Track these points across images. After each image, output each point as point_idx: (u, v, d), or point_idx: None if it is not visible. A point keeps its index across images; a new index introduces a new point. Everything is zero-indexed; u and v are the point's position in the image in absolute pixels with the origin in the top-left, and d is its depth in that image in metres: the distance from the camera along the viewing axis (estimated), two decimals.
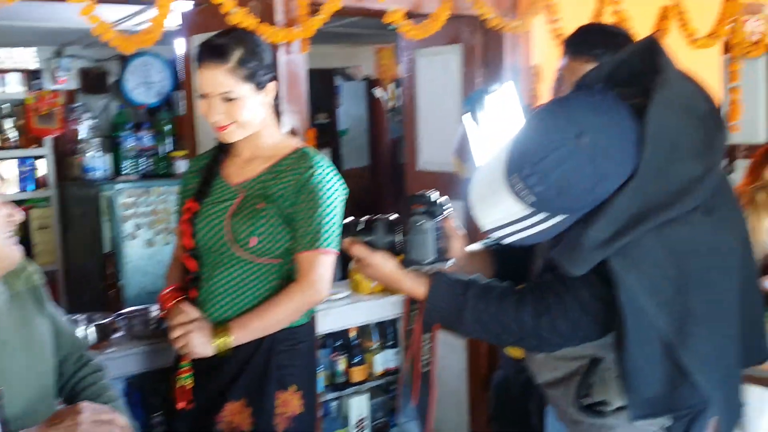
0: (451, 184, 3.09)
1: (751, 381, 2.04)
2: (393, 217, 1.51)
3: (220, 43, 1.96)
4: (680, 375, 1.26)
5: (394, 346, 3.38)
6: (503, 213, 1.28)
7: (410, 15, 3.18)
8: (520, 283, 1.60)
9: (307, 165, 2.02)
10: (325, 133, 6.77)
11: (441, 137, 3.52)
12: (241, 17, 2.48)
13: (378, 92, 4.86)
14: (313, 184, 2.00)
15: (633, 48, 1.40)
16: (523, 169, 1.21)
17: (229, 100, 1.95)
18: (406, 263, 1.46)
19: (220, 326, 1.96)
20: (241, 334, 1.96)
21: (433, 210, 1.46)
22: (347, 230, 1.52)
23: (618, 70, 1.37)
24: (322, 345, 3.50)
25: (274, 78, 2.05)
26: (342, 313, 3.18)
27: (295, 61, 2.77)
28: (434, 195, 1.50)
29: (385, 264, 1.47)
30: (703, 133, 1.27)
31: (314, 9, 2.75)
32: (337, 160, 6.71)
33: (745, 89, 4.71)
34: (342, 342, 3.37)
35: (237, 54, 1.94)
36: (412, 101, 3.82)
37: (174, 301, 2.03)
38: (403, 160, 4.67)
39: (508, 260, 1.62)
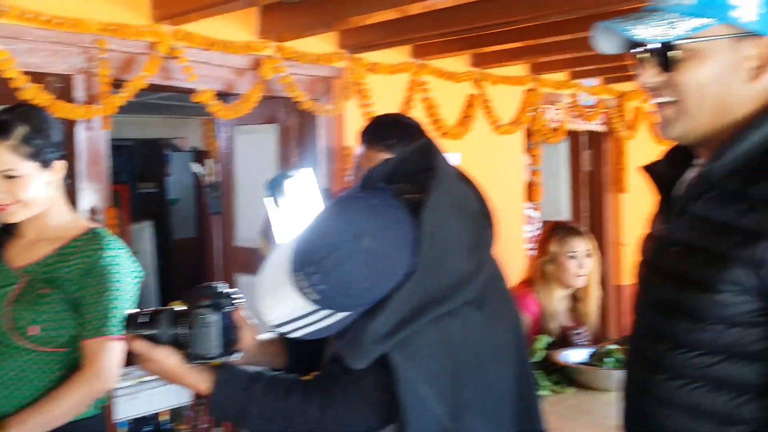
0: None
1: None
2: (179, 308, 1.47)
3: (3, 119, 1.88)
4: None
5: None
6: (288, 309, 1.29)
7: (224, 94, 3.21)
8: (310, 373, 1.61)
9: (96, 247, 1.93)
10: (153, 202, 6.61)
11: (257, 214, 3.52)
12: (34, 93, 2.39)
13: (195, 167, 4.80)
14: (102, 266, 1.91)
15: (412, 148, 1.48)
16: (307, 268, 1.24)
17: (11, 177, 1.86)
18: (190, 358, 1.41)
19: None
20: (16, 430, 1.82)
21: (219, 302, 1.42)
22: (129, 323, 1.44)
23: (399, 167, 1.44)
24: (132, 430, 3.32)
25: (63, 156, 1.96)
26: (152, 396, 3.04)
27: (95, 137, 2.69)
28: (222, 286, 1.46)
29: (167, 359, 1.41)
30: (474, 231, 1.35)
31: (119, 84, 2.71)
32: (165, 230, 6.53)
33: (549, 171, 5.12)
34: (153, 427, 3.21)
35: (21, 130, 1.86)
36: (230, 177, 3.81)
37: None
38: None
39: (299, 350, 1.62)
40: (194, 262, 6.61)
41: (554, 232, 3.14)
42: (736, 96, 1.10)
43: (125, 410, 3.06)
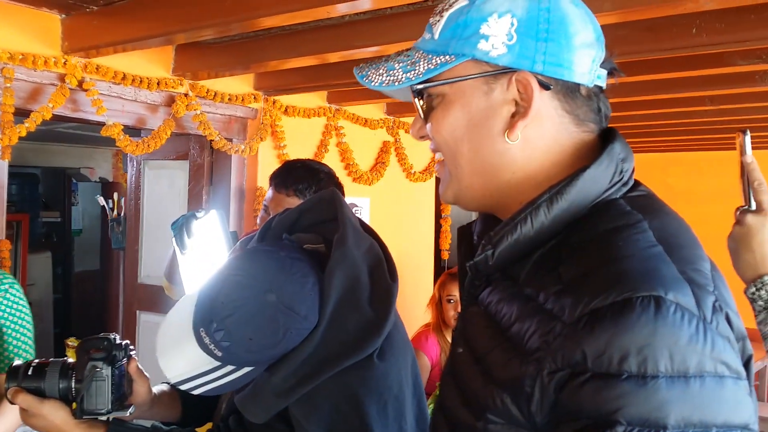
0: (171, 300, 3.02)
1: None
2: (69, 360, 1.41)
3: None
4: None
5: None
6: (190, 365, 1.26)
7: (135, 129, 3.16)
8: (205, 423, 1.57)
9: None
10: (55, 232, 6.37)
11: (164, 251, 3.44)
12: None
13: (101, 200, 4.67)
14: (7, 313, 1.87)
15: (315, 198, 1.49)
16: (211, 324, 1.21)
17: None
18: (79, 413, 1.34)
19: None
20: None
21: (114, 355, 1.36)
22: (14, 376, 1.36)
23: (302, 217, 1.44)
24: None
25: None
26: None
27: None
28: (115, 337, 1.40)
29: (53, 414, 1.34)
30: (377, 283, 1.36)
31: (24, 113, 2.63)
32: (67, 262, 6.29)
33: (460, 219, 5.24)
34: None
35: None
36: (137, 211, 3.73)
37: None
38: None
39: (193, 403, 1.59)
40: (96, 295, 6.38)
41: (441, 277, 3.26)
42: (498, 154, 0.88)
43: None
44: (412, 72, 0.88)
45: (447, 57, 0.87)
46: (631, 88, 3.37)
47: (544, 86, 0.85)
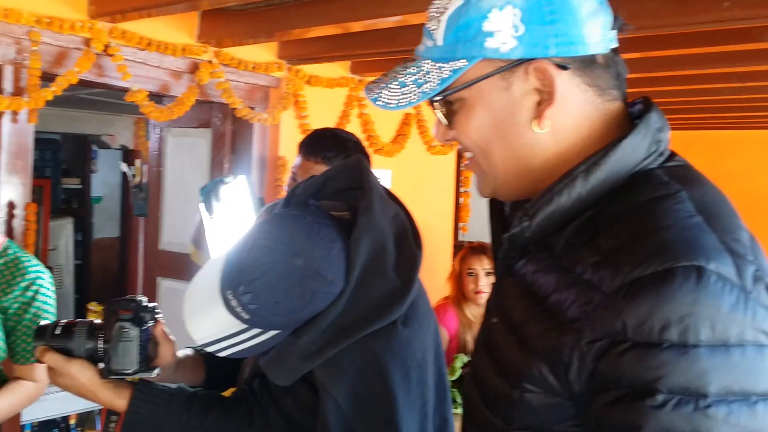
0: (191, 266, 3.05)
1: None
2: (96, 321, 1.40)
3: None
4: None
5: None
6: (217, 328, 1.27)
7: (159, 95, 3.16)
8: (229, 388, 1.59)
9: (29, 277, 1.84)
10: (75, 199, 6.42)
11: (185, 219, 3.48)
12: None
13: (124, 167, 4.70)
14: (40, 298, 1.85)
15: (341, 165, 1.49)
16: (239, 287, 1.22)
17: None
18: (105, 373, 1.35)
19: None
20: None
21: (141, 316, 1.37)
22: (41, 335, 1.37)
23: (327, 184, 1.45)
24: None
25: None
26: (61, 399, 2.95)
27: (21, 130, 2.61)
28: (143, 299, 1.41)
29: (81, 374, 1.36)
30: (402, 251, 1.37)
31: (50, 78, 2.64)
32: (87, 228, 6.35)
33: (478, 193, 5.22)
34: (59, 430, 3.11)
35: None
36: (159, 179, 3.75)
37: None
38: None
39: (218, 366, 1.61)
40: (115, 262, 6.45)
41: (461, 250, 3.26)
42: (529, 145, 0.88)
43: (31, 412, 2.95)
44: (427, 85, 0.87)
45: (457, 62, 0.86)
46: (657, 63, 3.33)
47: (562, 67, 0.85)
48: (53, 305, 1.89)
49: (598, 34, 0.86)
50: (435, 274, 3.86)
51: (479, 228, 5.39)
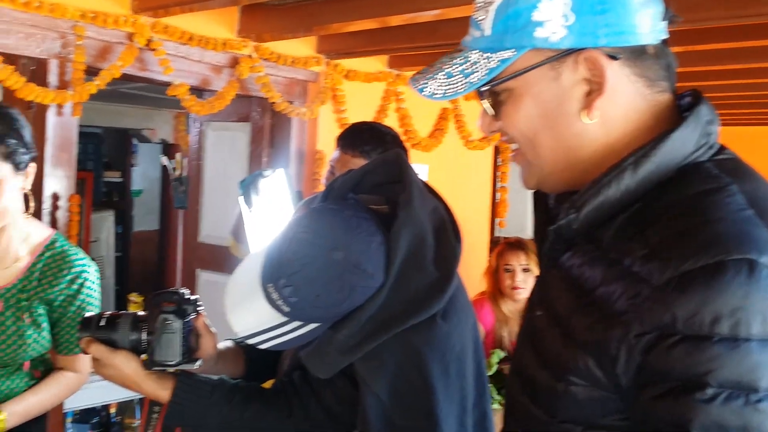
0: (231, 258, 3.08)
1: None
2: (140, 313, 1.42)
3: None
4: None
5: None
6: (258, 320, 1.29)
7: (199, 89, 3.20)
8: (268, 380, 1.61)
9: (75, 270, 1.84)
10: (116, 192, 6.53)
11: (224, 211, 3.51)
12: (7, 74, 2.36)
13: (164, 160, 4.77)
14: (85, 287, 1.86)
15: (380, 159, 1.49)
16: (279, 280, 1.23)
17: None
18: (149, 364, 1.37)
19: None
20: (14, 408, 1.78)
21: (184, 309, 1.39)
22: (87, 327, 1.40)
23: (365, 178, 1.45)
24: (78, 421, 3.27)
25: (34, 159, 1.77)
26: (102, 388, 3.00)
27: (66, 123, 2.66)
28: (185, 292, 1.44)
29: (125, 365, 1.38)
30: (441, 245, 1.37)
31: (94, 72, 2.69)
32: (127, 221, 6.46)
33: (517, 188, 5.19)
34: (99, 419, 3.17)
35: None
36: (199, 172, 3.80)
37: None
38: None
39: (258, 358, 1.63)
40: (154, 254, 6.54)
41: (498, 246, 3.24)
42: (577, 136, 0.87)
43: (72, 401, 3.01)
44: (475, 75, 0.87)
45: (506, 52, 0.86)
46: (701, 57, 3.26)
47: (612, 57, 0.84)
48: (98, 298, 1.92)
49: (649, 25, 0.85)
50: (471, 270, 3.85)
51: (516, 223, 5.36)
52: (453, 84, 0.88)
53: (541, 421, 0.86)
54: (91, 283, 1.89)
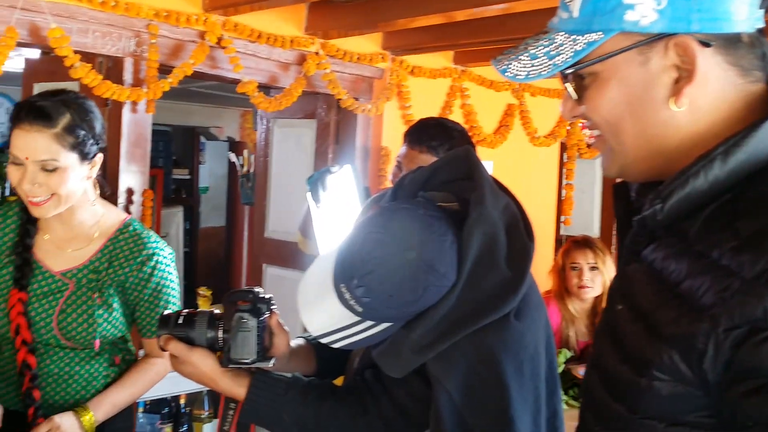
0: (297, 254, 3.12)
1: None
2: (216, 311, 1.46)
3: (46, 104, 1.73)
4: None
5: None
6: (331, 320, 1.29)
7: (267, 87, 3.25)
8: (338, 377, 1.62)
9: (148, 252, 1.89)
10: (184, 188, 6.69)
11: (290, 207, 3.56)
12: (85, 72, 2.44)
13: (232, 157, 4.86)
14: (158, 269, 1.90)
15: (449, 156, 1.48)
16: (352, 281, 1.23)
17: (50, 170, 1.73)
18: (225, 361, 1.40)
19: (79, 409, 1.83)
20: (102, 408, 1.85)
21: (258, 307, 1.42)
22: (165, 324, 1.43)
23: (434, 175, 1.44)
24: (149, 411, 3.35)
25: (102, 150, 1.86)
26: (172, 379, 3.06)
27: (140, 120, 2.74)
28: (260, 291, 1.46)
29: (202, 362, 1.41)
30: (514, 243, 1.35)
31: (166, 70, 2.75)
32: (194, 217, 6.61)
33: (583, 186, 5.10)
34: (169, 410, 3.24)
35: (65, 119, 1.73)
36: (266, 169, 3.86)
37: None
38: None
39: (329, 356, 1.64)
40: (221, 250, 6.68)
41: (564, 243, 3.19)
42: (663, 124, 0.85)
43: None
44: (560, 57, 0.86)
45: (594, 35, 0.84)
46: None
47: (704, 44, 0.81)
48: (173, 280, 1.95)
49: (745, 12, 0.82)
50: (537, 268, 3.80)
51: (581, 221, 5.26)
52: (537, 66, 0.87)
53: (622, 417, 0.84)
54: (165, 265, 1.92)
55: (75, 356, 1.87)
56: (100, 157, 1.85)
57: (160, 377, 1.99)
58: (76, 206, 1.85)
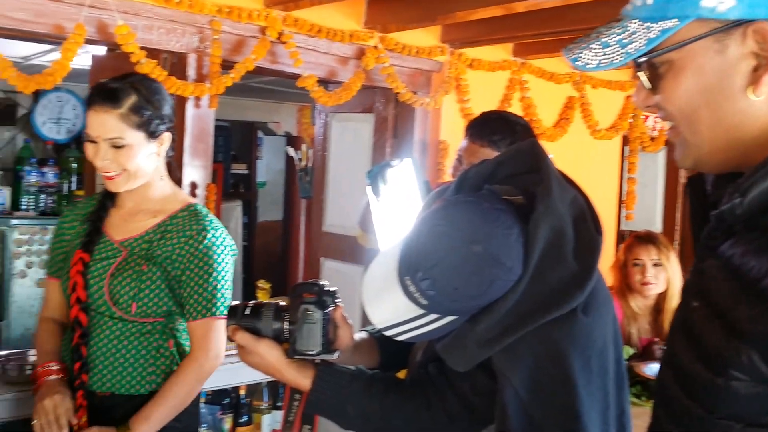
0: (355, 247, 3.13)
1: None
2: (282, 303, 1.47)
3: (114, 87, 1.89)
4: None
5: None
6: (396, 312, 1.29)
7: (325, 81, 3.26)
8: (400, 370, 1.62)
9: (199, 227, 1.95)
10: (242, 183, 6.79)
11: (348, 201, 3.57)
12: (151, 68, 2.49)
13: (290, 151, 4.90)
14: (205, 247, 1.94)
15: (514, 149, 1.46)
16: (417, 273, 1.23)
17: (118, 147, 1.88)
18: (291, 353, 1.42)
19: (122, 427, 1.88)
20: (145, 427, 1.89)
21: (324, 300, 1.43)
22: (233, 314, 1.46)
23: (499, 168, 1.43)
24: (210, 402, 3.41)
25: (170, 129, 1.98)
26: (232, 370, 3.11)
27: (203, 115, 2.78)
28: (325, 283, 1.47)
29: (269, 353, 1.43)
30: (581, 236, 1.33)
31: (228, 65, 2.79)
32: (252, 212, 6.70)
33: (645, 180, 4.99)
34: (230, 400, 3.29)
35: (130, 100, 1.88)
36: (324, 163, 3.88)
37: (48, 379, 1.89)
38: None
39: (392, 349, 1.64)
40: (278, 244, 6.75)
41: (626, 239, 3.13)
42: (740, 113, 0.82)
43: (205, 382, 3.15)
44: (633, 45, 0.84)
45: (668, 22, 0.82)
46: None
47: None
48: (225, 268, 1.97)
49: None
50: (599, 263, 3.74)
51: (644, 217, 5.15)
52: (609, 54, 0.86)
53: (697, 416, 0.82)
54: (216, 246, 1.95)
55: (125, 328, 1.93)
56: (168, 136, 1.97)
57: (204, 377, 1.99)
58: (148, 183, 1.98)
